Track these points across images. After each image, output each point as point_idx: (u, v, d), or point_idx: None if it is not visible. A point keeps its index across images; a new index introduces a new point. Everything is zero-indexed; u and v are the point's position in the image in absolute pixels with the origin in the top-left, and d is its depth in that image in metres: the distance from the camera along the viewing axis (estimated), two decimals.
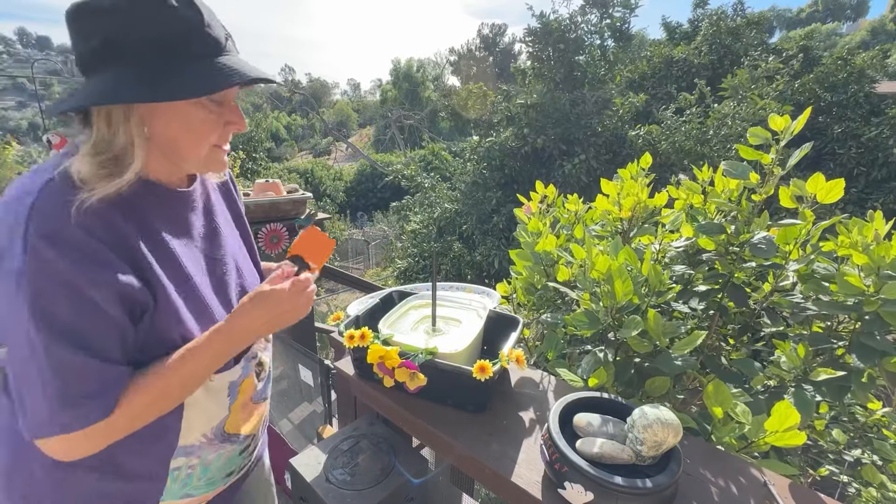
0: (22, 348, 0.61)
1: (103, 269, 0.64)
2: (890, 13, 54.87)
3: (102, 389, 0.64)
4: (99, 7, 0.62)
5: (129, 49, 0.64)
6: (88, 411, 0.63)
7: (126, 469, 0.77)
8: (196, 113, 0.71)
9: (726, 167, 1.19)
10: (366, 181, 23.34)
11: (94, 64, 0.66)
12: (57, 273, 0.60)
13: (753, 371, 1.13)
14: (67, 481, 0.75)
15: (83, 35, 0.65)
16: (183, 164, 0.77)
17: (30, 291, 0.60)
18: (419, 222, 9.89)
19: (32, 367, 0.61)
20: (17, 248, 0.60)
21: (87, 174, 0.65)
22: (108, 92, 0.64)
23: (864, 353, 0.96)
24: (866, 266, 0.99)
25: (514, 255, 1.57)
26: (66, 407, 0.62)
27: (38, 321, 0.60)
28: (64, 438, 0.64)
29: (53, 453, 0.66)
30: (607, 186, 1.48)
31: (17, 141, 1.78)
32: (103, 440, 0.68)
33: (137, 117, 0.68)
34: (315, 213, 2.38)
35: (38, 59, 4.17)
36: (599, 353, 1.19)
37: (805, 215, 1.13)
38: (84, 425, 0.63)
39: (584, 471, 0.73)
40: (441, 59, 40.98)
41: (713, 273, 1.29)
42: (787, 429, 0.85)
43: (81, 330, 0.63)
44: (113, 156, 0.67)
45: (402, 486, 1.04)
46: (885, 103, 8.30)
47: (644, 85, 10.61)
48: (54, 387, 0.61)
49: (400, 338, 1.09)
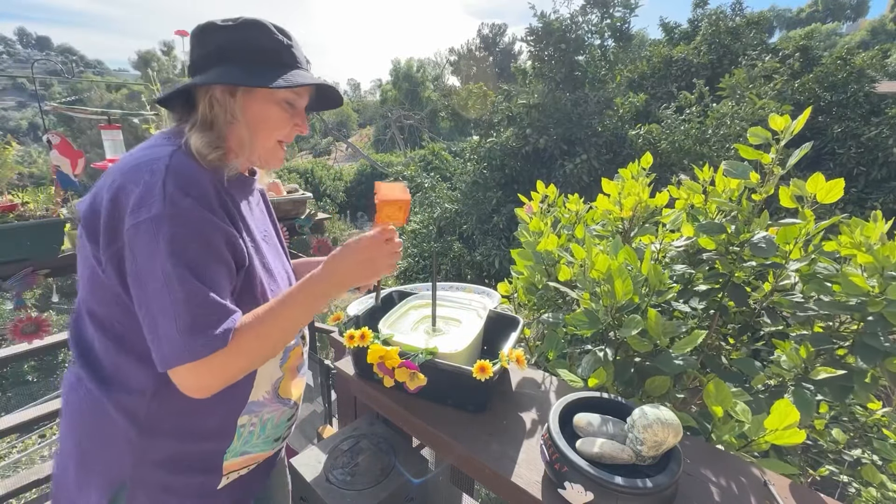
0: (157, 281, 0.70)
1: (222, 221, 0.77)
2: (890, 13, 54.84)
3: (221, 320, 0.72)
4: (221, 26, 0.82)
5: (237, 54, 0.82)
6: (211, 339, 0.71)
7: (200, 429, 0.85)
8: (275, 109, 0.87)
9: (727, 167, 1.18)
10: (366, 181, 23.30)
11: (203, 65, 0.82)
12: (190, 219, 0.72)
13: (754, 370, 1.13)
14: (149, 450, 0.82)
15: (203, 44, 0.83)
16: (251, 154, 0.88)
17: (168, 232, 0.70)
18: (419, 222, 9.89)
19: (166, 299, 0.70)
20: (156, 198, 0.70)
21: (199, 146, 0.79)
22: (222, 76, 0.80)
23: (868, 353, 0.95)
24: (870, 266, 0.99)
25: (515, 255, 1.57)
26: (194, 333, 0.70)
27: (174, 256, 0.70)
28: (192, 368, 0.71)
29: (184, 386, 0.73)
30: (608, 186, 1.48)
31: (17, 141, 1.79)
32: (221, 374, 0.74)
33: (237, 102, 0.83)
34: (315, 213, 2.38)
35: (38, 59, 4.19)
36: (599, 353, 1.19)
37: (805, 215, 1.13)
38: (208, 352, 0.70)
39: (584, 471, 0.73)
40: (441, 59, 40.97)
41: (713, 272, 1.29)
42: (786, 427, 0.85)
43: (206, 267, 0.73)
44: (216, 135, 0.82)
45: (402, 486, 1.04)
46: (885, 103, 8.29)
47: (644, 84, 10.61)
48: (184, 316, 0.70)
49: (400, 338, 1.09)
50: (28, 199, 1.62)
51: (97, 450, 0.83)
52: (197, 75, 0.83)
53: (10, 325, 1.61)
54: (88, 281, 0.80)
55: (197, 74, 0.83)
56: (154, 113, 1.99)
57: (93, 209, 0.76)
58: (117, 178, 0.74)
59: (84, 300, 0.83)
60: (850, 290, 0.98)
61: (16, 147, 1.70)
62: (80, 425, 0.84)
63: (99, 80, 29.68)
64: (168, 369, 0.71)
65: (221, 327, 0.72)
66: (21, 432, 5.11)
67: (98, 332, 0.81)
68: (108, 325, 0.80)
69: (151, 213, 0.70)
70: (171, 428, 0.82)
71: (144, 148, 0.80)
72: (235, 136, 0.85)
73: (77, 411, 0.84)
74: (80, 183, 1.80)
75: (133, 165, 0.75)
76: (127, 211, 0.71)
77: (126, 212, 0.71)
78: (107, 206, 0.73)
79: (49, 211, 1.62)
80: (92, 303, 0.81)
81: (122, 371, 0.80)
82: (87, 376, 0.82)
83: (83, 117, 2.25)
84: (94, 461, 0.83)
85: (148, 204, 0.70)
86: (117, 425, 0.80)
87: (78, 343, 0.85)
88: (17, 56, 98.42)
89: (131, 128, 3.70)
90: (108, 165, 1.92)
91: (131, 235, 0.70)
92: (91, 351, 0.83)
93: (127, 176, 0.73)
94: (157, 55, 27.67)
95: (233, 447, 0.91)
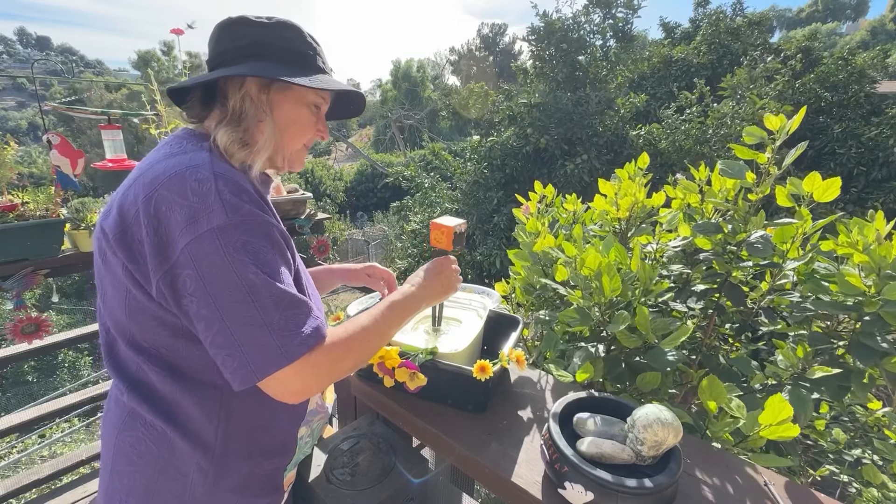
0: (238, 292, 0.65)
1: (278, 222, 0.75)
2: (890, 13, 54.81)
3: (310, 318, 0.70)
4: (255, 21, 0.79)
5: (271, 51, 0.79)
6: (307, 337, 0.68)
7: (268, 446, 0.83)
8: (304, 112, 0.85)
9: (723, 167, 1.18)
10: (366, 181, 23.32)
11: (232, 59, 0.78)
12: (255, 223, 0.69)
13: (751, 370, 1.13)
14: (220, 476, 0.78)
15: (234, 37, 0.79)
16: (276, 155, 0.85)
17: (239, 240, 0.66)
18: (419, 222, 9.88)
19: (253, 309, 0.65)
20: (215, 207, 0.66)
21: (227, 143, 0.75)
22: (265, 69, 0.77)
23: (864, 353, 0.95)
24: (867, 266, 0.99)
25: (512, 255, 1.58)
26: (291, 336, 0.67)
27: (254, 265, 0.66)
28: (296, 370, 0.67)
29: (284, 391, 0.69)
30: (605, 186, 1.48)
31: (17, 141, 1.78)
32: (324, 374, 0.71)
33: (270, 100, 0.80)
34: (315, 214, 2.38)
35: (38, 60, 4.19)
36: (591, 349, 1.19)
37: (801, 214, 1.13)
38: (307, 349, 0.68)
39: (584, 471, 0.72)
40: (441, 58, 40.96)
41: (710, 272, 1.29)
42: (780, 422, 0.86)
43: (280, 269, 0.70)
44: (244, 131, 0.78)
45: (402, 486, 1.04)
46: (886, 103, 8.29)
47: (644, 84, 10.61)
48: (277, 320, 0.66)
49: (400, 338, 1.09)
50: (28, 199, 1.62)
51: (164, 484, 0.77)
52: (226, 65, 0.79)
53: (9, 325, 1.61)
54: (124, 304, 0.73)
55: (225, 65, 0.79)
56: (154, 113, 1.98)
57: (124, 225, 0.69)
58: (153, 191, 0.67)
59: (119, 327, 0.76)
60: (847, 290, 0.98)
61: (16, 147, 1.70)
62: (143, 463, 0.77)
63: (99, 80, 29.69)
64: (263, 379, 0.66)
65: (311, 324, 0.70)
66: (21, 432, 5.11)
67: (147, 362, 0.74)
68: (155, 353, 0.74)
69: (213, 223, 0.65)
70: (240, 449, 0.79)
71: (171, 156, 0.73)
72: (262, 134, 0.81)
73: (138, 449, 0.77)
74: (79, 183, 1.80)
75: (171, 176, 0.68)
76: (181, 226, 0.65)
77: (179, 227, 0.65)
78: (150, 224, 0.66)
79: (49, 211, 1.62)
80: (132, 329, 0.74)
81: (186, 399, 0.74)
82: (146, 409, 0.75)
83: (83, 117, 2.25)
84: (161, 496, 0.77)
85: (206, 215, 0.65)
86: (187, 455, 0.75)
87: (123, 375, 0.78)
88: (17, 56, 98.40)
89: (131, 128, 3.69)
90: (109, 165, 1.92)
91: (194, 250, 0.64)
92: (142, 383, 0.76)
93: (167, 187, 0.67)
94: (157, 55, 27.65)
95: (292, 461, 0.90)
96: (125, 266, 0.70)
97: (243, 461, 0.80)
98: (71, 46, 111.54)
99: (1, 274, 1.53)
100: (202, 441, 0.76)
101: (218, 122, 0.77)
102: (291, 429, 0.87)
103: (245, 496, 0.81)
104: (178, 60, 3.24)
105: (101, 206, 1.74)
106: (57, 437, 5.54)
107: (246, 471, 0.81)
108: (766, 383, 1.13)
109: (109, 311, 0.76)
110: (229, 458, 0.78)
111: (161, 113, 1.94)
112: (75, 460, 1.90)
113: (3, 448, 5.40)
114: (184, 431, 0.75)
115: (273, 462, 0.85)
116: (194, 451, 0.75)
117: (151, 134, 1.94)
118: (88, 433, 5.81)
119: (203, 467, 0.76)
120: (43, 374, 9.61)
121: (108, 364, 0.80)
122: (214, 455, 0.76)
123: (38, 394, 8.59)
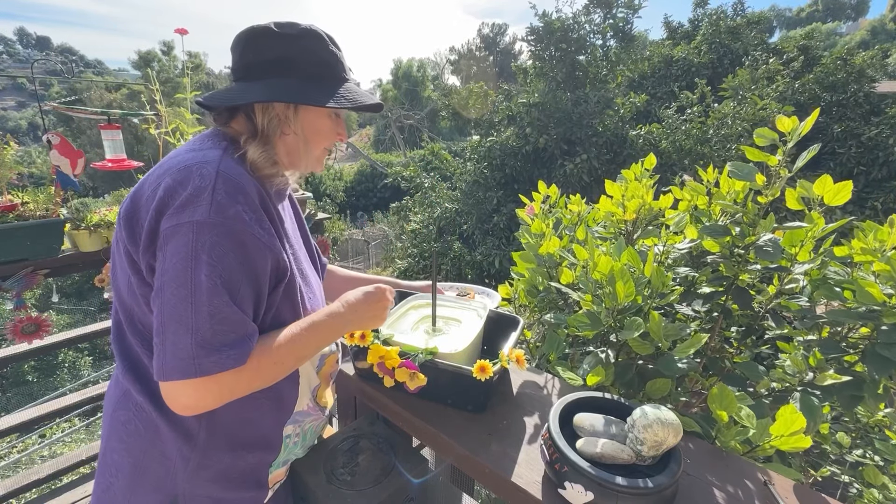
0: (181, 289, 0.66)
1: (268, 234, 0.75)
2: (890, 13, 54.80)
3: (240, 341, 0.70)
4: (278, 33, 0.80)
5: (297, 65, 0.81)
6: (226, 358, 0.67)
7: (250, 441, 0.85)
8: (327, 120, 0.88)
9: (732, 168, 1.16)
10: (366, 181, 23.31)
11: (258, 73, 0.81)
12: (233, 230, 0.69)
13: (757, 374, 1.12)
14: (202, 465, 0.80)
15: (259, 51, 0.80)
16: (299, 161, 0.88)
17: (209, 241, 0.67)
18: (419, 222, 9.88)
19: (188, 309, 0.66)
20: (203, 202, 0.68)
21: (258, 160, 0.78)
22: (297, 94, 0.79)
23: (881, 364, 0.92)
24: (884, 273, 0.96)
25: (516, 258, 1.56)
26: (210, 351, 0.66)
27: (210, 267, 0.66)
28: (197, 384, 0.67)
29: (176, 401, 0.68)
30: (611, 188, 1.45)
31: (17, 141, 1.78)
32: (225, 394, 0.71)
33: (297, 117, 0.83)
34: (315, 213, 2.38)
35: (37, 60, 4.19)
36: (601, 354, 1.18)
37: (812, 217, 1.11)
38: (220, 370, 0.67)
39: (585, 471, 0.72)
40: (441, 58, 40.96)
41: (717, 275, 1.28)
42: (792, 433, 0.84)
43: (238, 283, 0.70)
44: (273, 149, 0.82)
45: (402, 486, 1.04)
46: (885, 103, 8.30)
47: (644, 84, 10.62)
48: (204, 330, 0.66)
49: (400, 338, 1.09)
50: (28, 199, 1.62)
51: (149, 465, 0.80)
52: (247, 81, 0.81)
53: (9, 325, 1.61)
54: (128, 288, 0.76)
55: (248, 80, 0.81)
56: (154, 113, 1.98)
57: (133, 210, 0.73)
58: (164, 180, 0.71)
59: (124, 307, 0.79)
60: (864, 299, 0.95)
61: (16, 147, 1.70)
62: (131, 442, 0.81)
63: (99, 80, 29.68)
64: (166, 380, 0.67)
65: (238, 348, 0.69)
66: (21, 432, 5.10)
67: (142, 345, 0.78)
68: (149, 336, 0.75)
69: (195, 217, 0.67)
70: (223, 441, 0.81)
71: (190, 150, 0.77)
72: (287, 147, 0.85)
73: (127, 428, 0.81)
74: (79, 183, 1.80)
75: (182, 167, 0.72)
76: (170, 211, 0.68)
77: (169, 212, 0.68)
78: (153, 207, 0.70)
79: (49, 211, 1.62)
80: (134, 311, 0.78)
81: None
82: (137, 390, 0.78)
83: (83, 117, 2.24)
84: (146, 477, 0.80)
85: (193, 207, 0.67)
86: (170, 441, 0.78)
87: (124, 355, 0.81)
88: (17, 56, 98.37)
89: (131, 128, 3.68)
90: (109, 165, 1.92)
91: (167, 234, 0.67)
92: (138, 364, 0.80)
93: (175, 177, 0.71)
94: (157, 55, 27.64)
95: (277, 458, 0.91)
96: (126, 248, 0.74)
97: (225, 452, 0.82)
98: (71, 46, 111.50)
99: (1, 274, 1.53)
100: (185, 428, 0.78)
101: (248, 138, 0.80)
102: (276, 425, 0.88)
103: (226, 488, 0.83)
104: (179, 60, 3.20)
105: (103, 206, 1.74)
106: (57, 437, 5.54)
107: (228, 462, 0.82)
108: (773, 388, 1.12)
109: (117, 292, 0.80)
110: (211, 448, 0.80)
111: (161, 113, 1.94)
112: (75, 460, 1.90)
113: (3, 448, 5.40)
114: (168, 417, 0.77)
115: (256, 456, 0.86)
116: (177, 438, 0.78)
117: (151, 134, 1.93)
118: (88, 433, 5.80)
119: (185, 454, 0.79)
120: (43, 374, 9.60)
121: (114, 343, 0.83)
122: (197, 443, 0.79)
123: (38, 394, 8.59)
